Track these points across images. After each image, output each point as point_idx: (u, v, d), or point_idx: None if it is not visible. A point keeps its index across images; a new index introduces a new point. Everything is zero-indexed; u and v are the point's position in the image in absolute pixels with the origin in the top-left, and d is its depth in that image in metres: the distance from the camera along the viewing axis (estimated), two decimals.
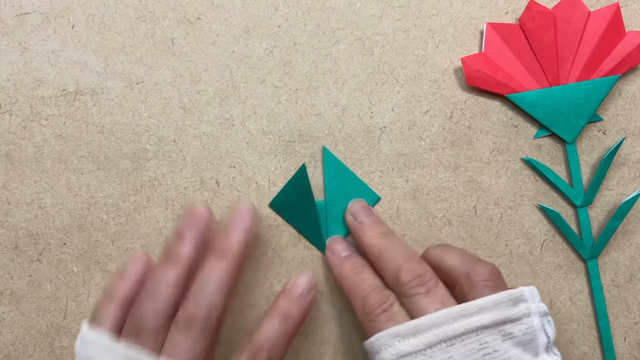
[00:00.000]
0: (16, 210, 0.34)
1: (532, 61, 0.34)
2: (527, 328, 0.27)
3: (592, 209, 0.35)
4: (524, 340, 0.26)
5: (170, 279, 0.29)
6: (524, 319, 0.27)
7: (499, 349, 0.26)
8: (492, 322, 0.26)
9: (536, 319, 0.27)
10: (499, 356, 0.26)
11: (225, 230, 0.30)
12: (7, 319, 0.34)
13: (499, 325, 0.26)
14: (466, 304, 0.26)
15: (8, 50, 0.35)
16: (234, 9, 0.35)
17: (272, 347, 0.29)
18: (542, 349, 0.27)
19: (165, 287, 0.29)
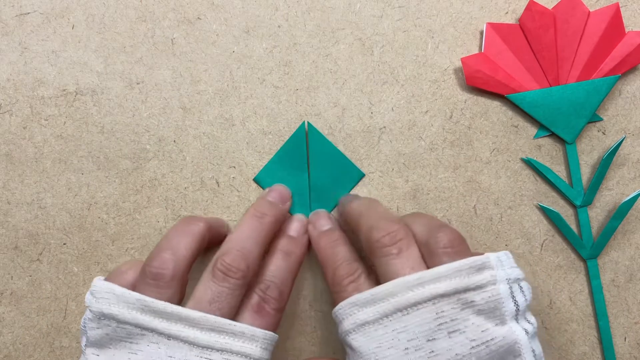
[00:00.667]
0: (16, 210, 0.34)
1: (532, 61, 0.34)
2: (491, 296, 0.25)
3: (592, 209, 0.35)
4: (487, 309, 0.25)
5: (190, 231, 0.29)
6: (489, 287, 0.26)
7: (456, 318, 0.25)
8: (449, 291, 0.25)
9: (503, 286, 0.26)
10: (456, 325, 0.25)
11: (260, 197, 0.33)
12: (7, 319, 0.34)
13: (459, 293, 0.25)
14: (422, 272, 0.26)
15: (8, 50, 0.35)
16: (234, 9, 0.35)
17: (280, 283, 0.30)
18: (509, 317, 0.26)
19: (183, 237, 0.29)
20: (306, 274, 0.34)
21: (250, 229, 0.30)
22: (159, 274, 0.28)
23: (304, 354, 0.34)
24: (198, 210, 0.34)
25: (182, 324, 0.27)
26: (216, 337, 0.27)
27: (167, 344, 0.27)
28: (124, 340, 0.27)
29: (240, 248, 0.29)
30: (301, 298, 0.34)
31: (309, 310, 0.34)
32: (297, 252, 0.32)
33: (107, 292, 0.27)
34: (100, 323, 0.27)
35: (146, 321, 0.27)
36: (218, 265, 0.28)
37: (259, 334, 0.28)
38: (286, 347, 0.34)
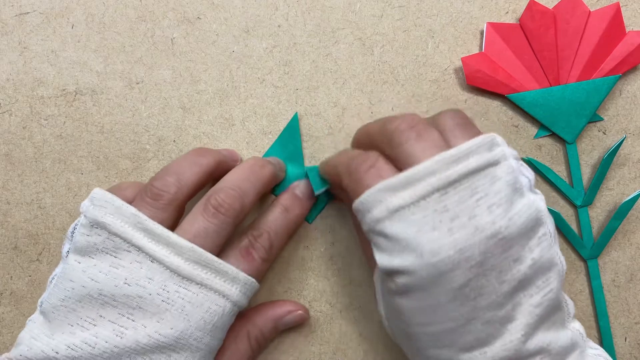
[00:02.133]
0: (16, 210, 0.34)
1: (532, 61, 0.34)
2: (508, 169, 0.25)
3: (592, 209, 0.35)
4: (510, 180, 0.25)
5: (197, 161, 0.29)
6: (502, 162, 0.26)
7: (489, 192, 0.25)
8: (480, 165, 0.25)
9: (513, 161, 0.26)
10: (492, 198, 0.24)
11: None
12: (7, 319, 0.34)
13: (486, 168, 0.25)
14: (456, 148, 0.25)
15: (8, 50, 0.34)
16: (234, 9, 0.35)
17: (273, 233, 0.30)
18: (526, 189, 0.26)
19: (190, 165, 0.29)
20: (306, 273, 0.34)
21: (249, 171, 0.30)
22: (159, 194, 0.28)
23: (304, 354, 0.34)
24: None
25: (169, 250, 0.27)
26: (198, 270, 0.27)
27: (149, 267, 0.27)
28: (109, 252, 0.27)
29: (236, 187, 0.29)
30: (301, 298, 0.34)
31: (309, 310, 0.34)
32: (297, 211, 0.32)
33: (106, 201, 0.27)
34: (91, 231, 0.27)
35: (136, 237, 0.27)
36: (211, 200, 0.28)
37: (241, 277, 0.28)
38: (286, 347, 0.34)
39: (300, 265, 0.34)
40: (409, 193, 0.24)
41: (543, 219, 0.26)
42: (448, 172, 0.24)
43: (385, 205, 0.25)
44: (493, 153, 0.25)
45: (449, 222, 0.24)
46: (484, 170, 0.25)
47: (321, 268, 0.34)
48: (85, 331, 0.26)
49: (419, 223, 0.24)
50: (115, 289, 0.26)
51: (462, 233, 0.24)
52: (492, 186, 0.25)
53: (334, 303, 0.34)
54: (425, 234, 0.24)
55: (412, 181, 0.24)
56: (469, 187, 0.24)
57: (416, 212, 0.24)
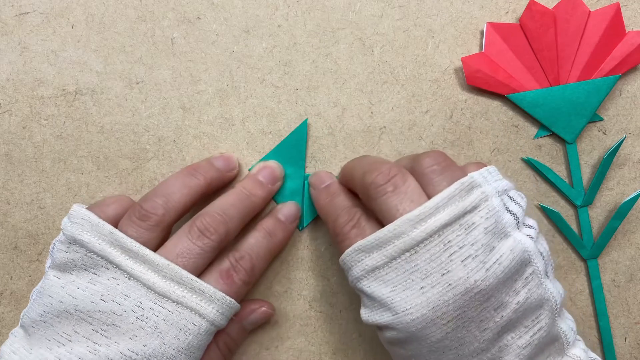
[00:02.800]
0: (16, 210, 0.34)
1: (532, 61, 0.34)
2: (488, 212, 0.25)
3: (592, 209, 0.35)
4: (489, 226, 0.25)
5: (187, 182, 0.30)
6: (482, 205, 0.25)
7: (464, 244, 0.24)
8: (450, 219, 0.25)
9: (495, 200, 0.26)
10: (466, 251, 0.24)
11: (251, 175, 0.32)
12: (7, 319, 0.34)
13: (459, 218, 0.25)
14: (421, 207, 0.25)
15: (8, 50, 0.34)
16: (234, 9, 0.35)
17: (255, 257, 0.30)
18: (510, 228, 0.26)
19: (179, 187, 0.29)
20: (306, 273, 0.34)
21: (236, 199, 0.30)
22: (146, 215, 0.28)
23: (304, 354, 0.34)
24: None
25: (145, 267, 0.27)
26: (174, 288, 0.27)
27: (126, 284, 0.27)
28: (87, 269, 0.27)
29: (223, 213, 0.29)
30: (301, 298, 0.34)
31: (309, 310, 0.34)
32: (280, 235, 0.32)
33: (83, 218, 0.28)
34: (69, 247, 0.27)
35: (112, 255, 0.27)
36: (197, 223, 0.28)
37: (218, 296, 0.27)
38: (286, 347, 0.34)
39: (300, 265, 0.34)
40: (380, 254, 0.25)
41: (530, 258, 0.26)
42: (414, 232, 0.25)
43: (362, 265, 0.26)
44: (470, 198, 0.25)
45: (421, 281, 0.25)
46: (457, 220, 0.25)
47: (321, 268, 0.34)
48: (61, 347, 0.26)
49: (392, 282, 0.25)
50: (92, 305, 0.26)
51: (435, 291, 0.24)
52: (468, 236, 0.25)
53: (334, 303, 0.34)
54: (398, 294, 0.25)
55: (381, 243, 0.25)
56: (441, 242, 0.25)
57: (389, 272, 0.25)
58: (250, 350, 0.34)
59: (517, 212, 0.26)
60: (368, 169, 0.28)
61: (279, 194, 0.34)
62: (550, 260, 0.27)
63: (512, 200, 0.27)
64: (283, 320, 0.34)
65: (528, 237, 0.26)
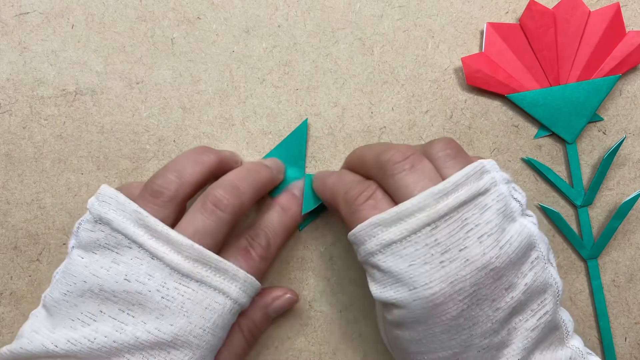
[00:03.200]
0: (16, 210, 0.34)
1: (532, 61, 0.34)
2: (498, 196, 0.26)
3: (592, 209, 0.35)
4: (500, 208, 0.26)
5: (199, 158, 0.30)
6: (492, 189, 0.26)
7: (479, 222, 0.25)
8: (468, 197, 0.25)
9: (503, 187, 0.26)
10: (482, 229, 0.25)
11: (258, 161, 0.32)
12: (7, 319, 0.34)
13: (475, 198, 0.25)
14: (444, 182, 0.25)
15: (8, 50, 0.34)
16: (234, 9, 0.35)
17: (271, 232, 0.30)
18: (517, 214, 0.26)
19: (191, 162, 0.29)
20: (306, 273, 0.34)
21: (248, 172, 0.30)
22: (159, 191, 0.28)
23: (304, 354, 0.34)
24: None
25: (169, 247, 0.27)
26: (198, 268, 0.27)
27: (150, 263, 0.27)
28: (110, 248, 0.27)
29: (235, 185, 0.29)
30: (301, 298, 0.34)
31: (309, 310, 0.34)
32: (294, 209, 0.32)
33: (110, 197, 0.28)
34: (95, 227, 0.27)
35: (137, 234, 0.27)
36: (209, 197, 0.28)
37: (241, 274, 0.28)
38: (286, 347, 0.34)
39: (300, 265, 0.34)
40: (400, 228, 0.25)
41: (535, 243, 0.26)
42: (438, 206, 0.25)
43: (377, 240, 0.25)
44: (482, 181, 0.26)
45: (440, 256, 0.25)
46: (473, 200, 0.25)
47: (321, 268, 0.34)
48: (86, 326, 0.26)
49: (411, 257, 0.25)
50: (116, 284, 0.26)
51: (453, 266, 0.24)
52: (482, 216, 0.25)
53: (334, 303, 0.34)
54: (417, 268, 0.25)
55: (403, 216, 0.25)
56: (459, 219, 0.25)
57: (408, 246, 0.25)
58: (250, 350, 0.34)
59: (521, 200, 0.27)
60: (383, 149, 0.27)
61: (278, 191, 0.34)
62: (550, 249, 0.28)
63: (515, 190, 0.28)
64: (283, 320, 0.34)
65: (532, 224, 0.27)
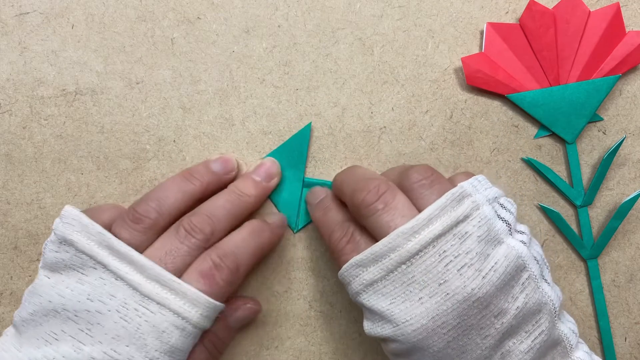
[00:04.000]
0: (16, 210, 0.34)
1: (532, 61, 0.34)
2: (480, 220, 0.25)
3: (592, 209, 0.35)
4: (482, 234, 0.25)
5: (182, 187, 0.30)
6: (474, 213, 0.26)
7: (459, 253, 0.25)
8: (444, 229, 0.25)
9: (486, 208, 0.26)
10: (462, 260, 0.25)
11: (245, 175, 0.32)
12: (7, 319, 0.34)
13: (452, 228, 0.25)
14: (414, 220, 0.25)
15: (8, 50, 0.34)
16: (234, 9, 0.35)
17: (240, 256, 0.29)
18: (503, 235, 0.26)
19: (173, 191, 0.29)
20: (306, 273, 0.34)
21: (225, 200, 0.30)
22: (139, 219, 0.28)
23: (304, 354, 0.34)
24: None
25: (131, 267, 0.27)
26: (158, 289, 0.27)
27: (113, 284, 0.27)
28: (76, 268, 0.27)
29: (210, 214, 0.29)
30: (301, 298, 0.34)
31: (309, 310, 0.34)
32: (267, 235, 0.31)
33: (74, 219, 0.28)
34: (60, 247, 0.28)
35: (100, 255, 0.27)
36: (184, 224, 0.29)
37: (202, 300, 0.27)
38: (286, 347, 0.34)
39: (300, 265, 0.34)
40: (377, 268, 0.26)
41: (524, 263, 0.26)
42: (408, 245, 0.25)
43: (360, 280, 0.26)
44: (461, 208, 0.26)
45: (419, 292, 0.25)
46: (450, 231, 0.25)
47: (321, 268, 0.34)
48: (48, 345, 0.26)
49: (391, 295, 0.25)
50: (78, 304, 0.27)
51: (433, 301, 0.25)
52: (462, 245, 0.25)
53: (334, 303, 0.34)
54: (397, 306, 0.25)
55: (377, 257, 0.26)
56: (436, 253, 0.25)
57: (387, 284, 0.26)
58: (250, 351, 0.34)
59: (508, 218, 0.27)
60: (357, 187, 0.28)
61: (277, 196, 0.34)
62: (545, 263, 0.27)
63: (502, 208, 0.27)
64: (283, 320, 0.34)
65: (521, 243, 0.26)
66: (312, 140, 0.35)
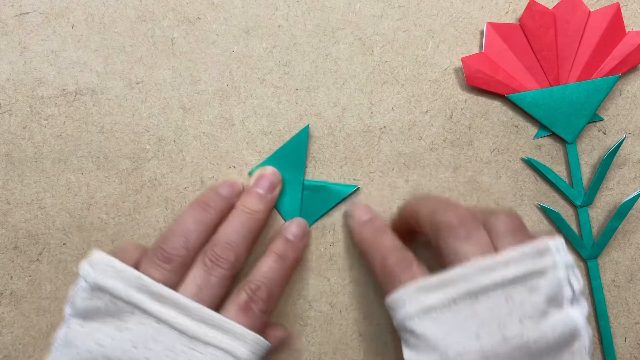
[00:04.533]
0: (16, 210, 0.34)
1: (532, 61, 0.34)
2: (553, 281, 0.25)
3: (592, 209, 0.35)
4: (551, 293, 0.25)
5: (202, 218, 0.30)
6: (550, 272, 0.25)
7: (524, 304, 0.24)
8: (518, 276, 0.25)
9: (562, 272, 0.26)
10: (525, 310, 0.24)
11: (249, 190, 0.32)
12: (7, 319, 0.34)
13: (526, 278, 0.25)
14: (494, 256, 0.25)
15: (8, 50, 0.34)
16: (234, 9, 0.35)
17: (270, 285, 0.30)
18: (567, 302, 0.26)
19: (195, 224, 0.30)
20: (306, 273, 0.34)
21: (238, 223, 0.31)
22: (169, 258, 0.28)
23: (304, 354, 0.34)
24: None
25: (176, 310, 0.27)
26: (206, 330, 0.27)
27: (155, 328, 0.26)
28: (112, 315, 0.27)
29: (229, 242, 0.29)
30: (301, 298, 0.34)
31: (309, 310, 0.34)
32: (291, 256, 0.31)
33: (107, 264, 0.27)
34: (92, 294, 0.27)
35: (140, 300, 0.27)
36: (208, 256, 0.29)
37: (250, 336, 0.27)
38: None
39: (300, 265, 0.34)
40: (442, 295, 0.25)
41: (579, 334, 0.25)
42: (481, 279, 0.25)
43: (418, 304, 0.25)
44: (540, 262, 0.25)
45: (477, 328, 0.24)
46: (524, 280, 0.25)
47: (321, 268, 0.34)
48: None
49: (448, 325, 0.25)
50: (122, 352, 0.26)
51: (489, 340, 0.24)
52: (530, 297, 0.25)
53: (334, 303, 0.34)
54: (452, 336, 0.25)
55: (446, 284, 0.25)
56: (503, 296, 0.25)
57: (447, 313, 0.25)
58: None
59: (576, 288, 0.26)
60: (441, 207, 0.27)
61: (278, 201, 0.34)
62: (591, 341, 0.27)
63: (575, 276, 0.27)
64: (283, 320, 0.34)
65: (581, 315, 0.26)
66: (312, 140, 0.35)
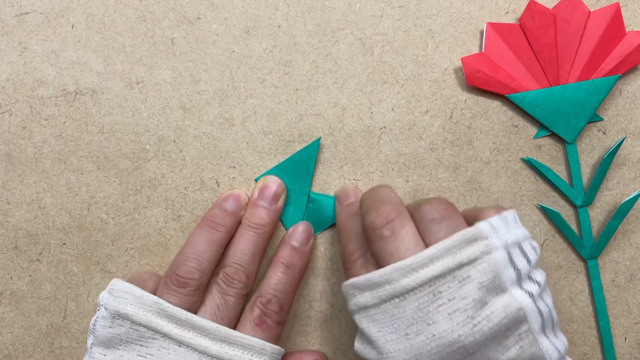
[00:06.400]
0: (16, 210, 0.34)
1: (532, 61, 0.34)
2: (487, 266, 0.24)
3: (592, 209, 0.35)
4: (485, 281, 0.24)
5: (212, 238, 0.30)
6: (483, 258, 0.24)
7: (454, 297, 0.24)
8: (444, 271, 0.24)
9: (499, 254, 0.25)
10: (455, 304, 0.24)
11: (254, 203, 0.32)
12: (7, 319, 0.34)
13: (453, 271, 0.24)
14: (414, 257, 0.25)
15: (8, 50, 0.34)
16: (234, 9, 0.35)
17: (281, 296, 0.31)
18: (509, 284, 0.24)
19: (205, 245, 0.30)
20: (306, 273, 0.34)
21: (247, 240, 0.31)
22: (184, 283, 0.29)
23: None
24: (198, 211, 0.34)
25: (195, 332, 0.28)
26: (226, 349, 0.28)
27: (178, 351, 0.27)
28: (134, 342, 0.28)
29: (239, 262, 0.30)
30: (301, 298, 0.34)
31: (309, 310, 0.34)
32: (298, 264, 0.32)
33: (126, 292, 0.28)
34: (113, 322, 0.28)
35: (160, 325, 0.27)
36: (222, 277, 0.30)
37: (268, 348, 0.28)
38: (286, 347, 0.34)
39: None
40: (372, 295, 0.26)
41: (525, 316, 0.24)
42: (404, 281, 0.25)
43: (355, 301, 0.27)
44: (470, 251, 0.25)
45: (406, 328, 0.25)
46: (451, 273, 0.25)
47: (321, 268, 0.34)
48: None
49: (381, 323, 0.26)
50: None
51: (418, 339, 0.24)
52: (460, 289, 0.24)
53: (334, 303, 0.34)
54: (384, 335, 0.25)
55: (373, 285, 0.26)
56: (431, 293, 0.25)
57: (378, 312, 0.26)
58: None
59: (522, 267, 0.25)
60: (370, 207, 0.28)
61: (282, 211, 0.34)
62: (552, 316, 0.26)
63: (521, 253, 0.26)
64: None
65: (527, 295, 0.25)
66: (312, 141, 0.35)
